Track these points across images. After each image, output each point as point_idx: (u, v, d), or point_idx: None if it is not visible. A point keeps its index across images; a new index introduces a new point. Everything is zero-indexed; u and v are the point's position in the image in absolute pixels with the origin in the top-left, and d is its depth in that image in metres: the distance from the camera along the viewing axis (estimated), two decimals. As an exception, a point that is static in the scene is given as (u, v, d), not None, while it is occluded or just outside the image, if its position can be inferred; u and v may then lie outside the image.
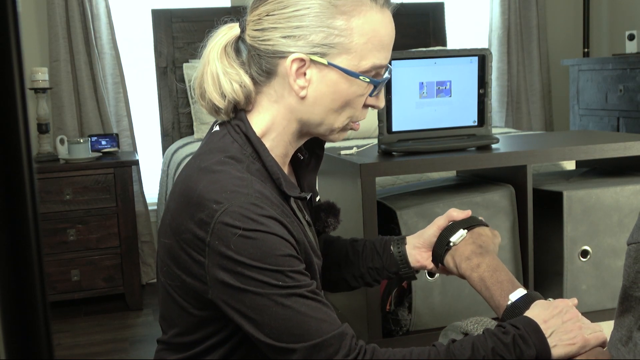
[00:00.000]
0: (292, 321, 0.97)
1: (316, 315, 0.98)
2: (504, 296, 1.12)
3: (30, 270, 0.42)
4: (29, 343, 0.43)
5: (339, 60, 1.05)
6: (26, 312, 0.42)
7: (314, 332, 0.97)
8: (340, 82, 1.06)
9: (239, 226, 0.96)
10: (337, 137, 1.14)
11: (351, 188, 1.87)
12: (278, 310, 0.97)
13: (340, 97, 1.07)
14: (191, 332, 1.10)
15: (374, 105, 1.13)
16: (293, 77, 1.05)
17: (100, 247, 3.12)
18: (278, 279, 0.97)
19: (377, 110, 1.90)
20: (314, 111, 1.08)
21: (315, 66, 1.05)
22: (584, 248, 1.96)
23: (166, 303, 1.12)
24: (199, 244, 0.99)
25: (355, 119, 1.12)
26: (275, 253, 0.97)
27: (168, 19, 3.59)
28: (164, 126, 3.63)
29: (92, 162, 3.11)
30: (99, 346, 2.77)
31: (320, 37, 1.04)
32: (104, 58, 3.46)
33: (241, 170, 1.03)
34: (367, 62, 1.06)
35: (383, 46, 1.08)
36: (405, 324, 1.94)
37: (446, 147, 1.93)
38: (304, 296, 0.98)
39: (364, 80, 1.07)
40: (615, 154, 1.98)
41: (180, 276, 1.05)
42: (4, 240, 0.41)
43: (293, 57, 1.04)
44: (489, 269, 1.17)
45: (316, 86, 1.06)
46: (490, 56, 1.94)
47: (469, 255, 1.21)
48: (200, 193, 1.00)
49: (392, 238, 1.34)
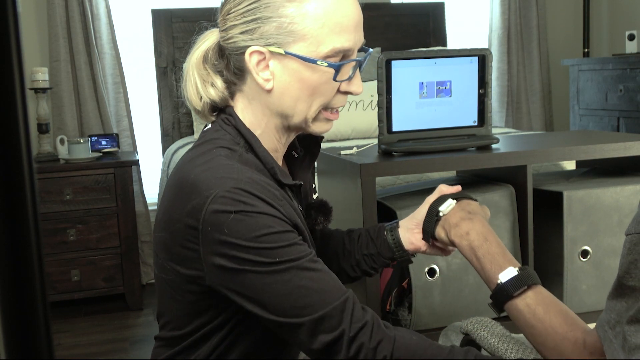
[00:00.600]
0: (294, 295, 0.97)
1: (317, 287, 0.98)
2: (494, 271, 1.09)
3: (30, 270, 0.42)
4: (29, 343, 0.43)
5: (296, 48, 1.05)
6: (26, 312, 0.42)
7: (317, 304, 0.97)
8: (301, 70, 1.06)
9: (230, 210, 0.96)
10: (317, 127, 1.12)
11: (351, 188, 1.87)
12: (278, 287, 0.97)
13: (306, 85, 1.06)
14: (184, 325, 1.11)
15: (348, 91, 1.11)
16: (256, 71, 1.06)
17: (100, 247, 3.12)
18: (274, 256, 0.97)
19: (377, 110, 1.90)
20: (284, 102, 1.08)
21: (275, 57, 1.06)
22: (584, 248, 1.96)
23: (161, 297, 1.14)
24: (192, 233, 1.00)
25: (329, 107, 1.10)
26: (269, 231, 0.97)
27: (168, 19, 3.59)
28: (164, 126, 3.63)
29: (92, 162, 3.11)
30: (99, 346, 2.77)
31: (274, 28, 1.04)
32: (104, 58, 3.46)
33: (232, 158, 1.04)
34: (326, 46, 1.04)
35: (342, 28, 1.05)
36: (405, 324, 1.94)
37: (446, 147, 1.93)
38: (303, 268, 0.98)
39: (322, 65, 1.05)
40: (615, 154, 1.98)
41: (174, 268, 1.06)
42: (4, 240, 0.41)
43: (250, 50, 1.06)
44: (479, 237, 1.14)
45: (280, 77, 1.07)
46: (490, 56, 1.94)
47: (457, 222, 1.19)
48: (192, 181, 1.01)
49: (385, 224, 1.33)
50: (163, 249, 1.08)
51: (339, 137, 3.29)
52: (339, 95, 1.11)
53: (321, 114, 1.11)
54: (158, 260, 1.10)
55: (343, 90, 1.10)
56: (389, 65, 1.86)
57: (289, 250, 0.98)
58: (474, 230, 1.16)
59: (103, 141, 3.33)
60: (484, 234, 1.15)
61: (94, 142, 3.30)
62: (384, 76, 1.86)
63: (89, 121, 3.42)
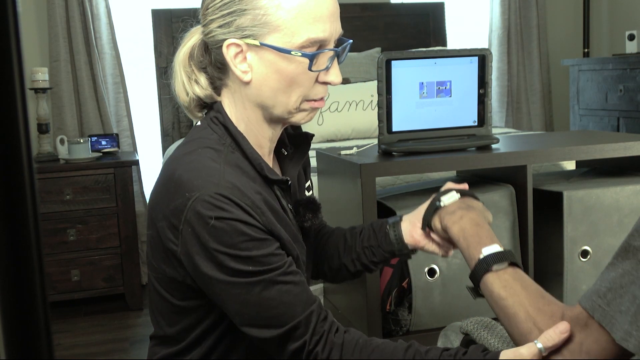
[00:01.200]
0: (262, 306, 1.01)
1: (286, 299, 1.01)
2: (478, 249, 1.07)
3: (30, 270, 0.42)
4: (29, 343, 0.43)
5: (271, 39, 1.05)
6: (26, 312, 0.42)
7: (283, 317, 1.01)
8: (277, 61, 1.06)
9: (210, 215, 0.98)
10: (299, 118, 1.13)
11: (351, 188, 1.87)
12: (248, 298, 1.01)
13: (283, 76, 1.07)
14: (174, 323, 1.12)
15: (326, 81, 1.11)
16: (233, 63, 1.08)
17: (100, 247, 3.12)
18: (248, 265, 0.99)
19: (377, 110, 1.90)
20: (263, 94, 1.09)
21: (251, 49, 1.07)
22: (584, 248, 1.96)
23: (152, 296, 1.15)
24: (173, 232, 1.02)
25: (309, 97, 1.11)
26: (245, 239, 0.99)
27: (168, 19, 3.59)
28: (164, 126, 3.63)
29: (92, 162, 3.11)
30: (99, 346, 2.77)
31: (249, 20, 1.05)
32: (104, 58, 3.46)
33: (217, 159, 1.06)
34: (300, 37, 1.05)
35: (316, 18, 1.05)
36: (405, 324, 1.94)
37: (446, 147, 1.93)
38: (274, 282, 1.01)
39: (295, 55, 1.05)
40: (615, 154, 1.98)
41: (160, 266, 1.09)
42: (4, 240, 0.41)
43: (226, 43, 1.07)
44: (472, 222, 1.14)
45: (257, 69, 1.08)
46: (490, 56, 1.94)
47: (454, 210, 1.18)
48: (175, 180, 1.03)
49: (388, 219, 1.34)
50: (150, 247, 1.10)
51: (339, 137, 3.29)
52: (318, 85, 1.11)
53: (305, 104, 1.11)
54: (147, 258, 1.13)
55: (321, 81, 1.10)
56: (389, 65, 1.86)
57: (262, 260, 1.00)
58: (468, 216, 1.15)
59: (103, 141, 3.33)
60: (477, 221, 1.14)
61: (94, 142, 3.30)
62: (384, 76, 1.86)
63: (89, 121, 3.42)
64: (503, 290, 1.01)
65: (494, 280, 1.03)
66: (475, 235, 1.11)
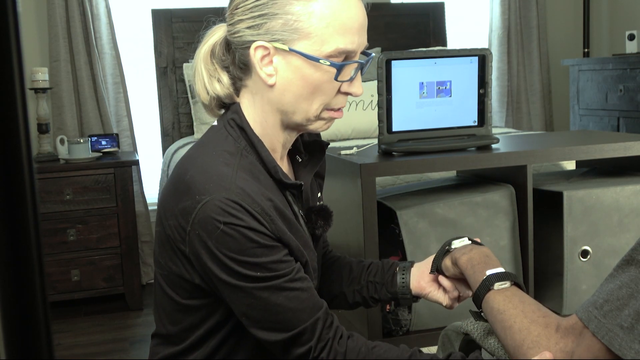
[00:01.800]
0: (270, 312, 1.02)
1: (292, 306, 1.02)
2: (483, 272, 1.09)
3: (30, 270, 0.42)
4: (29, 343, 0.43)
5: (300, 45, 1.06)
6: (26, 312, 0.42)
7: (290, 324, 1.02)
8: (304, 67, 1.07)
9: (220, 220, 0.99)
10: (317, 126, 1.13)
11: (351, 188, 1.86)
12: (255, 302, 1.01)
13: (308, 83, 1.07)
14: (178, 322, 1.12)
15: (349, 92, 1.12)
16: (259, 65, 1.08)
17: (100, 247, 3.12)
18: (256, 271, 1.00)
19: (378, 110, 1.90)
20: (285, 99, 1.09)
21: (279, 53, 1.07)
22: (584, 248, 1.96)
23: (157, 293, 1.16)
24: (180, 232, 1.03)
25: (330, 106, 1.11)
26: (253, 246, 1.00)
27: (168, 19, 3.59)
28: (164, 126, 3.63)
29: (92, 162, 3.11)
30: (99, 346, 2.77)
31: (280, 24, 1.06)
32: (104, 58, 3.46)
33: (230, 163, 1.06)
34: (330, 46, 1.06)
35: (347, 30, 1.06)
36: (405, 324, 1.94)
37: (446, 147, 1.93)
38: (281, 288, 1.02)
39: (324, 64, 1.06)
40: (615, 154, 1.98)
41: (167, 264, 1.09)
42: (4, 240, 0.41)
43: (255, 45, 1.07)
44: (481, 253, 1.15)
45: (283, 73, 1.08)
46: (490, 56, 1.94)
47: (466, 251, 1.19)
48: (187, 181, 1.04)
49: (400, 262, 1.34)
50: (158, 244, 1.10)
51: (339, 137, 3.29)
52: (340, 95, 1.11)
53: (325, 112, 1.11)
54: (154, 254, 1.13)
55: (344, 91, 1.11)
56: (389, 65, 1.86)
57: (270, 267, 1.01)
58: (477, 249, 1.17)
59: (103, 141, 3.33)
60: (486, 252, 1.16)
61: (94, 142, 3.30)
62: (384, 76, 1.86)
63: (89, 121, 3.42)
64: (502, 305, 1.03)
65: (495, 297, 1.05)
66: (482, 263, 1.13)
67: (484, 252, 1.16)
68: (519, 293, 1.04)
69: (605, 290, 0.87)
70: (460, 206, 1.92)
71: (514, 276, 1.08)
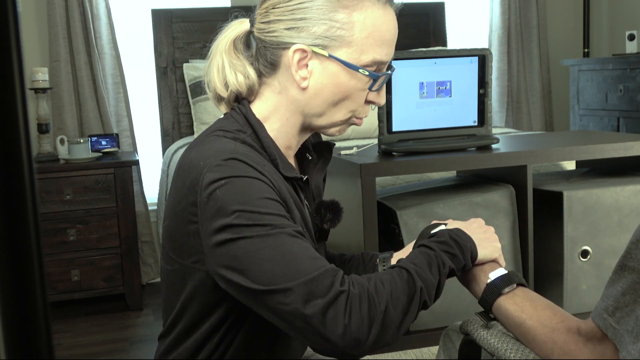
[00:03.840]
0: (285, 259, 0.96)
1: (307, 254, 0.98)
2: (486, 275, 1.10)
3: (30, 270, 0.42)
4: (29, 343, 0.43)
5: (340, 52, 1.08)
6: (26, 312, 0.42)
7: (307, 269, 0.96)
8: (340, 74, 1.08)
9: (224, 176, 0.98)
10: (337, 131, 1.16)
11: (351, 188, 1.86)
12: (269, 252, 0.96)
13: (341, 89, 1.09)
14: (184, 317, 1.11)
15: (374, 102, 1.14)
16: (295, 68, 1.08)
17: (100, 247, 3.12)
18: (265, 220, 0.97)
19: (377, 110, 1.90)
20: (315, 103, 1.10)
21: (317, 58, 1.08)
22: (584, 248, 1.96)
23: (166, 291, 1.14)
24: (192, 210, 1.01)
25: (357, 114, 1.14)
26: (261, 196, 0.99)
27: (168, 19, 3.59)
28: (164, 126, 3.63)
29: (92, 162, 3.11)
30: (99, 346, 2.77)
31: (322, 30, 1.07)
32: (104, 58, 3.46)
33: (234, 140, 1.06)
34: (368, 56, 1.08)
35: (384, 42, 1.10)
36: (405, 324, 1.93)
37: (446, 147, 1.93)
38: (292, 235, 0.98)
39: (363, 73, 1.08)
40: (615, 154, 1.98)
41: (176, 258, 1.07)
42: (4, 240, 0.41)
43: (295, 47, 1.07)
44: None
45: (317, 78, 1.09)
46: (490, 56, 1.94)
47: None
48: (190, 159, 1.05)
49: (379, 253, 1.35)
50: (167, 239, 1.09)
51: (339, 137, 3.29)
52: (366, 104, 1.14)
53: (351, 119, 1.14)
54: (164, 251, 1.12)
55: (369, 100, 1.14)
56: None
57: (279, 219, 0.99)
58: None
59: (103, 141, 3.33)
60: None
61: (94, 142, 3.30)
62: (384, 76, 1.86)
63: (89, 121, 3.42)
64: (516, 314, 1.04)
65: (508, 305, 1.05)
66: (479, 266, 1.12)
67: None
68: (527, 295, 1.05)
69: (612, 295, 0.87)
70: (460, 206, 1.92)
71: (516, 276, 1.08)
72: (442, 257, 1.06)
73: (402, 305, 0.99)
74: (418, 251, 1.08)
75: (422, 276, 1.02)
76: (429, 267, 1.04)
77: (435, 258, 1.05)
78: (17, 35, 0.41)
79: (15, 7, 0.40)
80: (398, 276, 1.01)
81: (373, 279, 1.00)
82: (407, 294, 1.00)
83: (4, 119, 0.41)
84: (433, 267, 1.04)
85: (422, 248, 1.08)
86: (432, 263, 1.04)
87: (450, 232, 1.10)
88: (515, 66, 4.09)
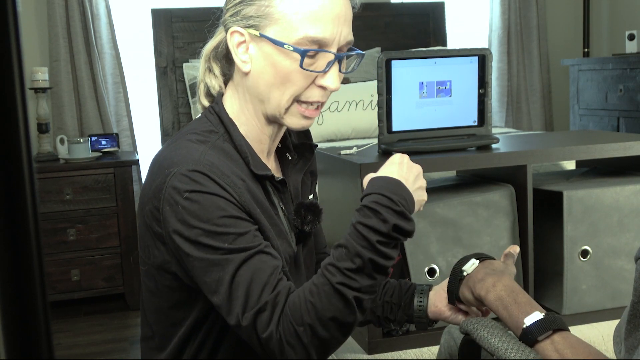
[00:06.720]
0: (236, 284, 0.97)
1: (258, 279, 0.97)
2: (521, 317, 1.06)
3: (30, 270, 0.42)
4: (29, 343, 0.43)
5: (269, 31, 1.07)
6: (26, 312, 0.42)
7: (254, 298, 0.97)
8: (274, 54, 1.07)
9: (186, 189, 0.99)
10: (290, 122, 1.11)
11: (351, 188, 1.86)
12: (223, 275, 0.98)
13: (277, 70, 1.07)
14: (161, 320, 1.11)
15: (323, 86, 1.09)
16: (235, 51, 1.10)
17: (100, 247, 3.12)
18: (224, 241, 0.98)
19: (377, 110, 1.90)
20: (259, 87, 1.10)
21: (254, 40, 1.09)
22: (584, 248, 1.96)
23: (142, 293, 1.15)
24: (155, 213, 1.03)
25: (301, 99, 1.09)
26: (221, 214, 0.99)
27: (168, 19, 3.59)
28: (164, 126, 3.63)
29: (92, 162, 3.11)
30: (99, 346, 2.77)
31: (253, 10, 1.07)
32: (104, 58, 3.46)
33: (204, 142, 1.07)
34: (298, 33, 1.05)
35: (317, 18, 1.05)
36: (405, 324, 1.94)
37: (446, 147, 1.93)
38: (246, 260, 0.98)
39: (287, 48, 1.05)
40: (615, 154, 1.98)
41: (148, 258, 1.09)
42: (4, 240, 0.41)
43: (231, 30, 1.09)
44: (506, 289, 1.12)
45: (257, 60, 1.09)
46: (490, 56, 1.94)
47: (482, 277, 1.17)
48: (158, 162, 1.06)
49: (418, 285, 1.32)
50: (140, 239, 1.11)
51: (339, 137, 3.29)
52: (314, 88, 1.09)
53: (295, 107, 1.10)
54: (138, 253, 1.14)
55: (318, 84, 1.09)
56: (388, 65, 1.86)
57: (238, 239, 0.99)
58: (501, 282, 1.14)
59: (103, 141, 3.33)
60: (511, 286, 1.13)
61: (94, 142, 3.30)
62: (384, 76, 1.86)
63: (89, 121, 3.42)
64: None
65: (545, 353, 1.02)
66: (514, 303, 1.10)
67: (509, 287, 1.13)
68: (568, 342, 1.02)
69: (636, 346, 0.85)
70: (460, 206, 1.92)
71: (552, 321, 1.04)
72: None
73: (334, 323, 0.97)
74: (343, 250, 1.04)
75: (354, 286, 0.97)
76: (362, 270, 0.99)
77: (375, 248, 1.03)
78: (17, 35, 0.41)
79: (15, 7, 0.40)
80: (331, 296, 0.97)
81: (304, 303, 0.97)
82: (338, 311, 0.97)
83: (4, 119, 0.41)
84: (367, 269, 1.00)
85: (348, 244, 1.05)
86: (365, 266, 1.00)
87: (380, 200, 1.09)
88: (515, 66, 4.09)
